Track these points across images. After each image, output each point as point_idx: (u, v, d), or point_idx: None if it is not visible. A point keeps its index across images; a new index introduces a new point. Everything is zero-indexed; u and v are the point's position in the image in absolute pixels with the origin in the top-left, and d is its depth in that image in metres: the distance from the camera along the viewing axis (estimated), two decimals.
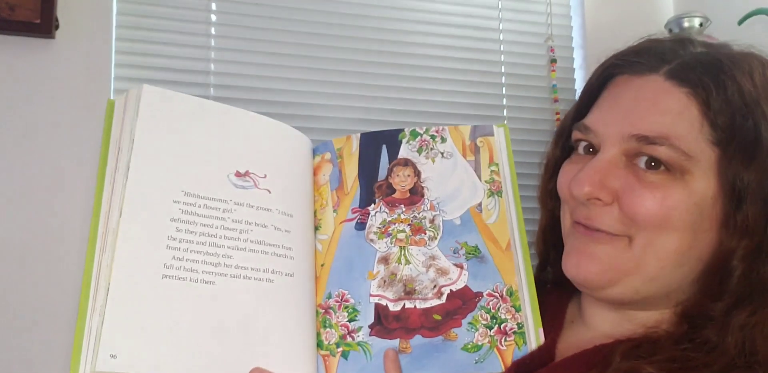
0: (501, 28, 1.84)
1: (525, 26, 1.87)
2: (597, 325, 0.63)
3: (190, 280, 0.56)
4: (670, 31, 1.64)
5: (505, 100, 1.82)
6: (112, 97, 1.48)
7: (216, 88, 1.59)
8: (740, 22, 1.54)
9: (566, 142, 0.65)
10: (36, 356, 1.35)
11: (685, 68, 0.56)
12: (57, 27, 1.44)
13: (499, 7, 1.85)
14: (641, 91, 0.57)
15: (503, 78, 1.83)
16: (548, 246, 0.68)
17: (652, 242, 0.55)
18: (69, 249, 1.39)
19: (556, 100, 1.83)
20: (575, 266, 0.59)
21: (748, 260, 0.53)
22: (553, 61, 1.85)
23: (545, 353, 0.60)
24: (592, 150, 0.60)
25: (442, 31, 1.78)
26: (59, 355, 1.34)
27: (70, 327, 0.51)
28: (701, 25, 1.61)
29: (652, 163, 0.55)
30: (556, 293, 0.68)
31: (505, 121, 1.80)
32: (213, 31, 1.61)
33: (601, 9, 1.89)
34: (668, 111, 0.55)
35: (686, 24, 1.61)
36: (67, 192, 1.41)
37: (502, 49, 1.84)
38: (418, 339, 0.60)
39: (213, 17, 1.62)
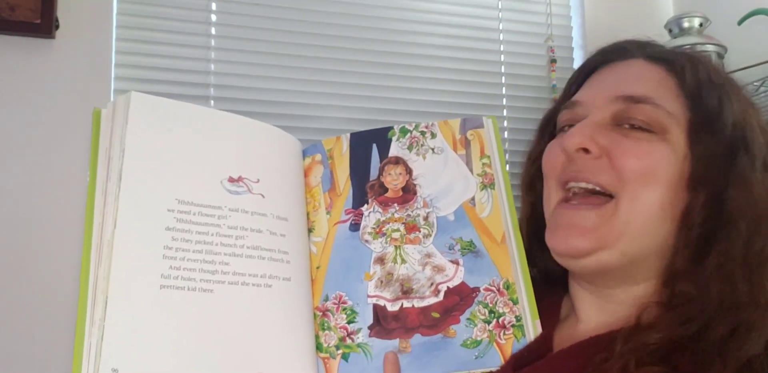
0: (501, 28, 1.84)
1: (525, 26, 1.87)
2: (588, 315, 0.64)
3: (188, 289, 0.55)
4: (670, 31, 1.64)
5: (505, 100, 1.82)
6: (112, 97, 1.48)
7: (216, 88, 1.59)
8: (740, 22, 1.54)
9: (551, 133, 0.69)
10: (37, 358, 1.35)
11: (661, 53, 0.65)
12: (57, 27, 1.44)
13: (499, 7, 1.85)
14: (625, 70, 0.65)
15: (503, 78, 1.82)
16: (530, 236, 0.69)
17: (636, 196, 0.58)
18: (69, 250, 1.39)
19: (555, 100, 1.82)
20: (563, 240, 0.60)
21: (705, 211, 0.57)
22: (553, 61, 1.85)
23: (542, 345, 0.61)
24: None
25: (442, 31, 1.78)
26: (60, 358, 1.34)
27: (66, 328, 0.51)
28: (701, 25, 1.61)
29: (636, 125, 0.60)
30: (549, 290, 0.69)
31: (505, 122, 1.80)
32: (213, 31, 1.61)
33: (601, 9, 1.89)
34: (650, 79, 0.62)
35: (686, 24, 1.61)
36: (67, 193, 1.41)
37: (502, 49, 1.84)
38: (417, 338, 0.60)
39: (213, 17, 1.62)
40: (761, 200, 0.57)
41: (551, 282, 0.68)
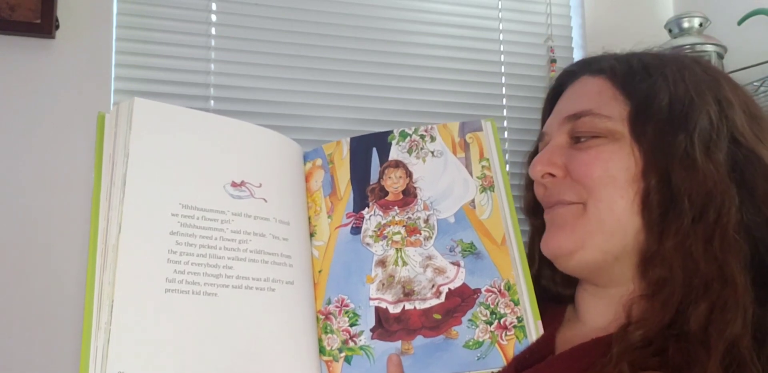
0: (501, 28, 1.84)
1: (525, 26, 1.87)
2: (590, 318, 0.65)
3: (193, 293, 0.56)
4: (670, 31, 1.64)
5: (505, 100, 1.82)
6: (112, 97, 1.48)
7: (216, 88, 1.59)
8: (740, 22, 1.54)
9: None
10: (43, 363, 1.35)
11: (605, 63, 0.67)
12: (57, 27, 1.44)
13: (499, 7, 1.85)
14: (573, 91, 0.69)
15: (503, 78, 1.82)
16: (540, 262, 0.70)
17: (601, 198, 0.61)
18: (69, 251, 1.39)
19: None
20: (546, 242, 0.64)
21: (658, 194, 0.59)
22: (553, 61, 1.85)
23: (544, 347, 0.61)
24: None
25: (441, 31, 1.78)
26: (66, 362, 1.34)
27: (72, 332, 0.51)
28: (701, 25, 1.61)
29: (585, 137, 0.64)
30: (553, 301, 0.70)
31: (505, 122, 1.81)
32: (213, 31, 1.61)
33: (601, 9, 1.89)
34: (589, 93, 0.66)
35: (686, 24, 1.61)
36: (68, 193, 1.41)
37: (502, 49, 1.84)
38: (419, 340, 0.61)
39: (213, 17, 1.61)
40: (708, 176, 0.58)
41: (557, 301, 0.70)
